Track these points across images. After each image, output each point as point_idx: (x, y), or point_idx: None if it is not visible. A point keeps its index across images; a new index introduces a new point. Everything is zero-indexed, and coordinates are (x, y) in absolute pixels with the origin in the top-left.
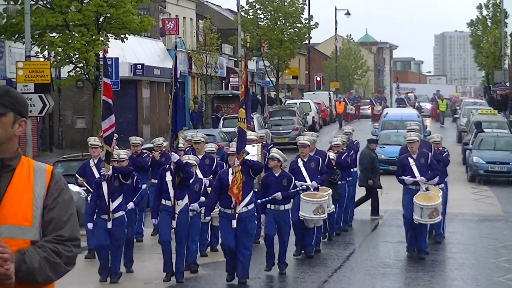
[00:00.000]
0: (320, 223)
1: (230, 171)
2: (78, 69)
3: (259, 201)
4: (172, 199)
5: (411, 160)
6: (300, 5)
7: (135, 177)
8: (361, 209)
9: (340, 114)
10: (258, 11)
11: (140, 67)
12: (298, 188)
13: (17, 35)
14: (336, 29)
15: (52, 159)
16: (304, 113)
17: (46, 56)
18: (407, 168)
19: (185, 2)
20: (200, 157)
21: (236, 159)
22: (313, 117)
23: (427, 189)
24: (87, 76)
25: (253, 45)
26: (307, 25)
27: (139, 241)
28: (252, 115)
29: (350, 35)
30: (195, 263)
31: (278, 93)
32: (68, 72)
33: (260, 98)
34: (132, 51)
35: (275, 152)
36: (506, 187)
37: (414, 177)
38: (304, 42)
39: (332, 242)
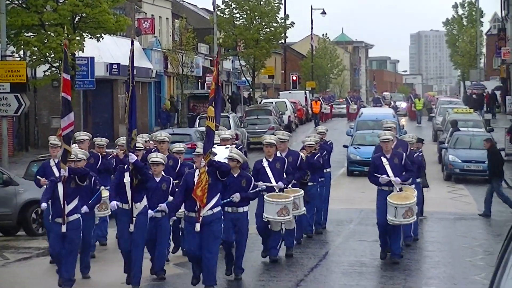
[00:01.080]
0: (291, 226)
1: (197, 172)
2: (54, 68)
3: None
4: (130, 201)
5: (384, 160)
6: (276, 5)
7: (93, 178)
8: (336, 208)
9: (316, 114)
10: (234, 11)
11: (116, 67)
12: (257, 189)
13: None
14: (312, 28)
15: (28, 158)
16: (280, 112)
17: (22, 55)
18: (381, 168)
19: (161, 1)
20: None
21: (202, 159)
22: (289, 116)
23: (401, 190)
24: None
25: (229, 44)
26: (283, 24)
27: (103, 245)
28: (228, 115)
29: (326, 34)
30: (163, 269)
31: (254, 92)
32: (44, 71)
33: (230, 98)
34: (108, 51)
35: (234, 152)
36: (481, 185)
37: (388, 176)
38: (280, 42)
39: (308, 241)
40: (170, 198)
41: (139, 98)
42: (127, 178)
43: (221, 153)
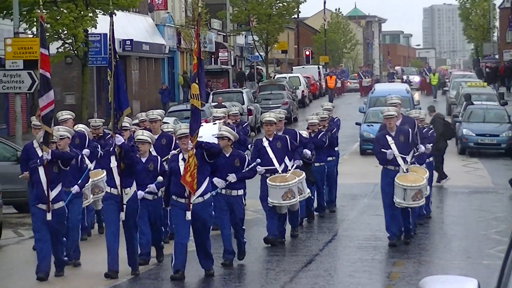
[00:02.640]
0: (295, 207)
1: (181, 156)
2: (66, 45)
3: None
4: (119, 187)
5: (389, 138)
6: None
7: (79, 156)
8: (350, 183)
9: (331, 89)
10: None
11: (129, 43)
12: (252, 166)
13: (5, 12)
14: (324, 3)
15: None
16: (294, 87)
17: (35, 32)
18: (386, 147)
19: None
20: (156, 136)
21: (189, 141)
22: (303, 91)
23: (407, 170)
24: (76, 52)
25: (241, 19)
26: None
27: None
28: (242, 90)
29: (339, 9)
30: (148, 253)
31: (268, 67)
32: (57, 48)
33: (246, 72)
34: (121, 27)
35: (224, 130)
36: (496, 159)
37: (394, 157)
38: (292, 16)
39: (323, 216)
40: (160, 178)
41: (153, 73)
42: (114, 163)
43: (209, 130)
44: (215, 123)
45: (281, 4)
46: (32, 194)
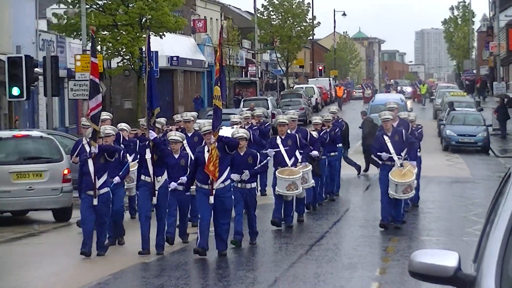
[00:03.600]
0: (302, 195)
1: (206, 148)
2: (125, 60)
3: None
4: (152, 176)
5: (386, 138)
6: (305, 8)
7: (121, 151)
8: (354, 173)
9: (339, 97)
10: (271, 13)
11: (175, 59)
12: (263, 163)
13: (75, 33)
14: (334, 27)
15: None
16: (309, 96)
17: (99, 50)
18: (383, 145)
19: (212, 5)
20: (189, 134)
21: (212, 136)
22: (316, 98)
23: (401, 165)
24: (132, 66)
25: (267, 40)
26: (311, 24)
27: (134, 218)
28: (267, 97)
29: (346, 31)
30: (174, 231)
31: (288, 79)
32: (117, 63)
33: (267, 85)
34: (169, 46)
35: (243, 132)
36: (473, 155)
37: (390, 153)
38: (308, 38)
39: (333, 200)
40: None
41: (194, 84)
42: (148, 154)
43: (227, 133)
44: (233, 127)
45: (299, 28)
46: (82, 183)
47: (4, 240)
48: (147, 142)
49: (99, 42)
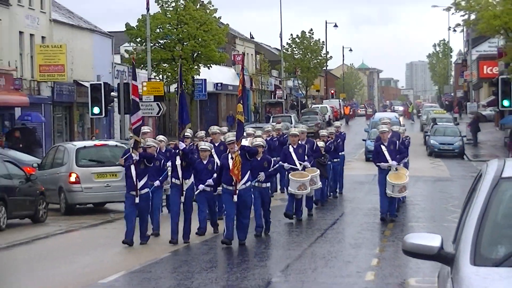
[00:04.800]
0: (310, 194)
1: (229, 155)
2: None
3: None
4: (181, 178)
5: (383, 147)
6: (321, 45)
7: (162, 160)
8: (358, 174)
9: (347, 115)
10: (294, 49)
11: (220, 85)
12: (276, 166)
13: (142, 65)
14: (343, 60)
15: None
16: (323, 113)
17: (160, 78)
18: (381, 153)
19: (248, 43)
20: (216, 144)
21: (235, 145)
22: (329, 115)
23: (396, 169)
24: (186, 90)
25: (290, 70)
26: (325, 58)
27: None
28: (290, 114)
29: (352, 63)
30: (205, 227)
31: (307, 100)
32: (175, 88)
33: (297, 104)
34: (215, 75)
35: (260, 141)
36: (451, 159)
37: (386, 160)
38: (323, 68)
39: (339, 198)
40: (215, 175)
41: (234, 105)
42: (178, 161)
43: (244, 142)
44: (247, 139)
45: (316, 61)
46: (126, 184)
47: (88, 225)
48: (178, 151)
49: (160, 72)
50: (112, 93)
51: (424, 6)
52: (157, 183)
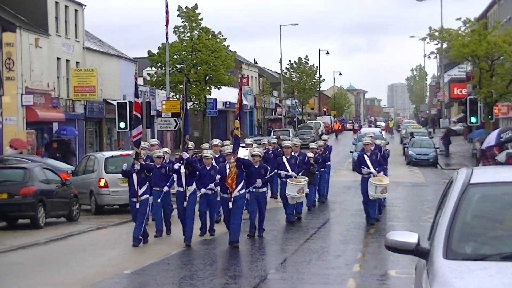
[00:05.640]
0: (301, 200)
1: (227, 166)
2: (195, 104)
3: (249, 188)
4: (184, 186)
5: (366, 157)
6: (315, 70)
7: (167, 167)
8: (345, 180)
9: (336, 129)
10: (292, 73)
11: (228, 104)
12: (272, 174)
13: (161, 86)
14: (334, 82)
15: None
16: (317, 128)
17: (177, 97)
18: (363, 162)
19: (252, 68)
20: (216, 155)
21: (232, 157)
22: (322, 130)
23: (375, 177)
24: (199, 108)
25: (289, 91)
26: (318, 80)
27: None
28: (288, 129)
29: (342, 85)
30: (205, 225)
31: (303, 117)
32: (190, 106)
33: (295, 120)
34: (224, 95)
35: (257, 150)
36: (426, 167)
37: (369, 168)
38: (316, 90)
39: (326, 202)
40: (218, 177)
41: (241, 121)
42: (182, 170)
43: (242, 152)
44: (247, 149)
45: (310, 83)
46: (129, 191)
47: (114, 223)
48: (181, 161)
49: (178, 93)
50: None
51: (403, 36)
52: (165, 188)
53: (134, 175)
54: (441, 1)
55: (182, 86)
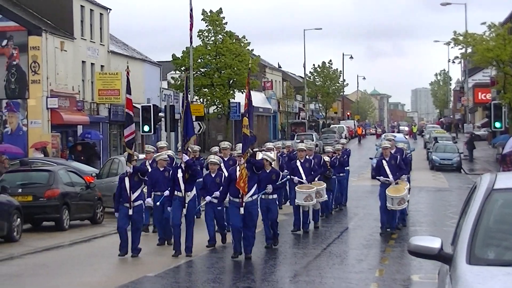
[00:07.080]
0: (317, 207)
1: (238, 168)
2: (218, 108)
3: (259, 194)
4: (183, 191)
5: (384, 162)
6: (338, 74)
7: (170, 171)
8: (365, 184)
9: (359, 134)
10: (316, 77)
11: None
12: (283, 180)
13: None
14: (358, 86)
15: (204, 155)
16: (340, 132)
17: (201, 101)
18: (382, 168)
19: (276, 72)
20: (225, 159)
21: (242, 158)
22: (345, 134)
23: (396, 183)
24: (223, 111)
25: (312, 95)
26: (342, 84)
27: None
28: (312, 133)
29: (365, 89)
30: (214, 238)
31: (327, 121)
32: (213, 110)
33: (313, 125)
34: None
35: (268, 155)
36: (450, 172)
37: (387, 175)
38: (340, 94)
39: (343, 210)
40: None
41: (265, 124)
42: (180, 174)
43: (270, 156)
44: (272, 152)
45: (334, 87)
46: (120, 196)
47: None
48: (180, 163)
49: (201, 96)
50: (159, 114)
51: (427, 40)
52: (166, 193)
53: (127, 179)
54: (466, 5)
55: (206, 90)
